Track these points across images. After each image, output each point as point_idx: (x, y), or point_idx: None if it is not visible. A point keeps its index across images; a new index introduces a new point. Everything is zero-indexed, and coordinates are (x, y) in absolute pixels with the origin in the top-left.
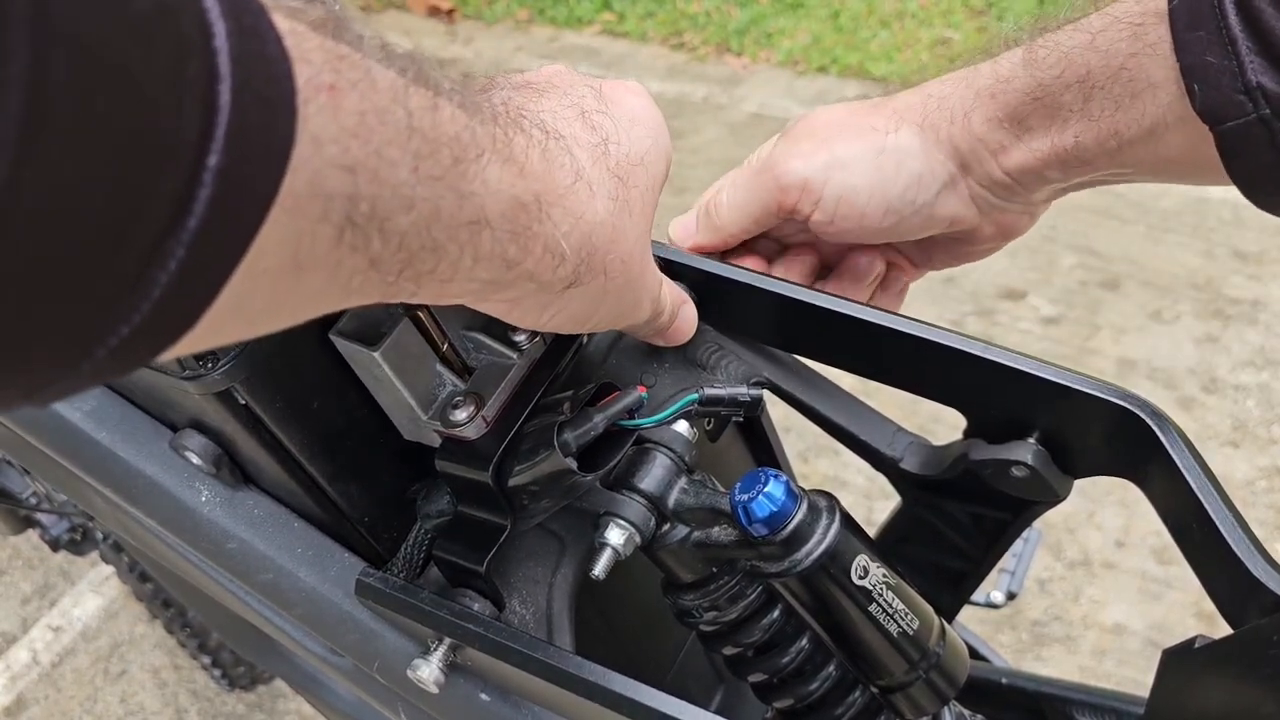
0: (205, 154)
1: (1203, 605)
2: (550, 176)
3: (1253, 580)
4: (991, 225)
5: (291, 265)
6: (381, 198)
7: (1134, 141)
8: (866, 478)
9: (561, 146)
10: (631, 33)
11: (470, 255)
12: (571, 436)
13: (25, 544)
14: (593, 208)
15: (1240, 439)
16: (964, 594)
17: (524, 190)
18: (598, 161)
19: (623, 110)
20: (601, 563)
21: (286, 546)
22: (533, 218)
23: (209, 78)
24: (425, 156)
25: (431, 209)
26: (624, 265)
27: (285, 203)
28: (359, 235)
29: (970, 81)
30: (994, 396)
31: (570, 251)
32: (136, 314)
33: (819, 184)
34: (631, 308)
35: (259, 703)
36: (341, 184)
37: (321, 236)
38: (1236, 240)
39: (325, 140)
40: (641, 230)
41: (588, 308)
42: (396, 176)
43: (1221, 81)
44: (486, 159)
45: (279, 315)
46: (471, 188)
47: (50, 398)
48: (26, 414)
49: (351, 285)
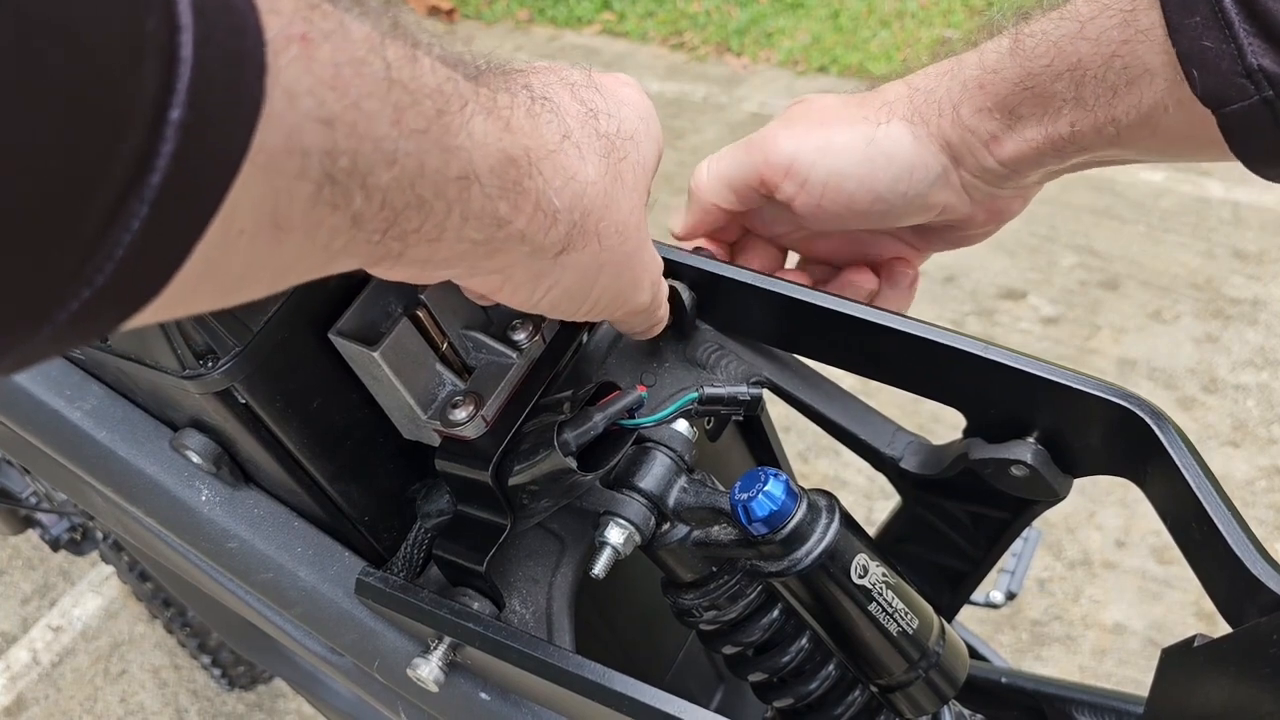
0: (166, 108)
1: (1202, 605)
2: (538, 133)
3: (1252, 579)
4: (984, 211)
5: (269, 225)
6: (362, 152)
7: (1132, 127)
8: (866, 478)
9: (548, 108)
10: (631, 33)
11: (459, 213)
12: (571, 436)
13: (25, 544)
14: (583, 168)
15: (1240, 439)
16: (964, 594)
17: (512, 144)
18: (586, 126)
19: (611, 93)
20: (601, 562)
21: (286, 546)
22: (523, 173)
23: (169, 29)
24: (406, 108)
25: (416, 164)
26: (619, 235)
27: (258, 159)
28: (339, 192)
29: (956, 73)
30: (993, 396)
31: (563, 209)
32: (99, 275)
33: (805, 165)
34: (631, 288)
35: (259, 702)
36: (319, 138)
37: (299, 194)
38: (1236, 240)
39: (299, 93)
40: (635, 204)
41: (583, 282)
42: (377, 130)
43: (1221, 65)
44: (470, 110)
45: (258, 280)
46: (457, 141)
47: (12, 364)
48: (28, 412)
49: (334, 246)
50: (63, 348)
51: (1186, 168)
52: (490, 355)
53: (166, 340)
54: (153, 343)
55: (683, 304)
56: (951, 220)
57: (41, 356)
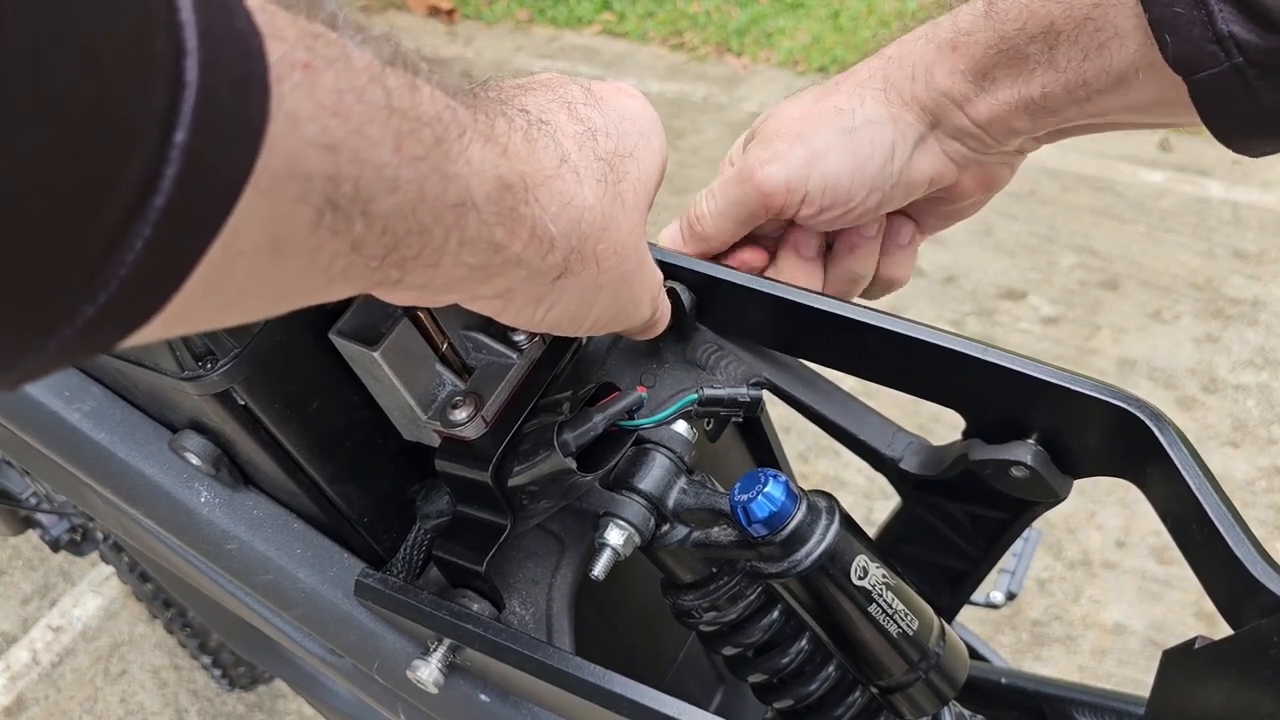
0: (172, 130)
1: (1203, 605)
2: (534, 159)
3: (1253, 581)
4: (971, 179)
5: (269, 248)
6: (364, 179)
7: (1103, 91)
8: (866, 478)
9: (545, 132)
10: (631, 33)
11: (456, 239)
12: (571, 436)
13: (25, 544)
14: (580, 193)
15: (1240, 439)
16: (964, 594)
17: (508, 170)
18: (584, 148)
19: (612, 107)
20: (601, 563)
21: (286, 547)
22: (519, 199)
23: (175, 52)
24: (407, 136)
25: (416, 190)
26: (617, 257)
27: (260, 182)
28: (340, 218)
29: (930, 36)
30: (992, 397)
31: (559, 236)
32: (103, 293)
33: (801, 181)
34: (631, 305)
35: (259, 703)
36: (322, 164)
37: (300, 218)
38: (1236, 240)
39: (302, 118)
40: (635, 223)
41: (583, 303)
42: (379, 157)
43: (1192, 32)
44: (469, 138)
45: (258, 302)
46: (455, 168)
47: (17, 378)
48: (27, 414)
49: (333, 270)
50: (65, 362)
51: (1187, 168)
52: (490, 356)
53: (166, 342)
54: (152, 345)
55: (682, 305)
56: (942, 193)
57: (44, 371)
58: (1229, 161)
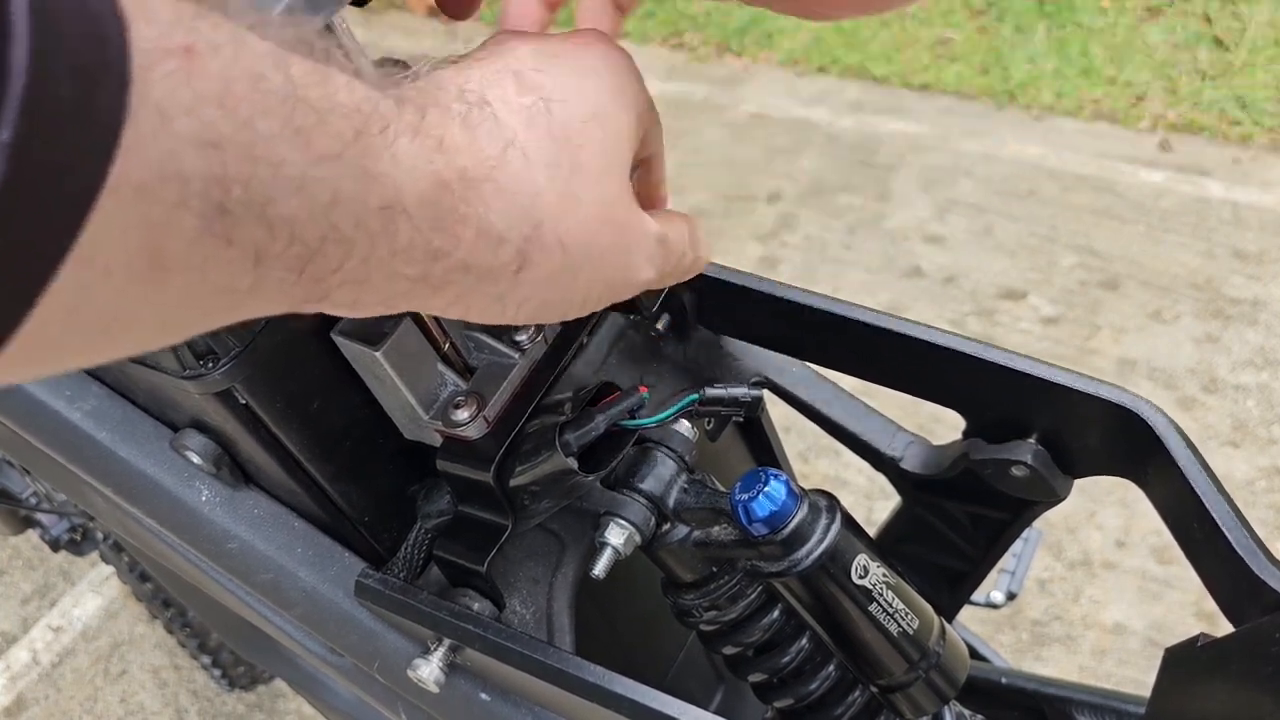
0: None
1: (1203, 605)
2: (475, 148)
3: (1254, 579)
4: None
5: (147, 263)
6: (259, 179)
7: None
8: (866, 478)
9: (486, 114)
10: (631, 33)
11: (386, 248)
12: (573, 437)
13: (25, 544)
14: (530, 177)
15: (1240, 439)
16: (964, 594)
17: (445, 166)
18: (534, 124)
19: (569, 64)
20: (602, 562)
21: (286, 546)
22: (458, 198)
23: None
24: (313, 129)
25: (329, 192)
26: (587, 234)
27: (122, 187)
28: (232, 224)
29: None
30: (993, 397)
31: (508, 230)
32: None
33: None
34: (622, 273)
35: (259, 703)
36: (203, 163)
37: (181, 227)
38: (1236, 240)
39: (176, 112)
40: (606, 192)
41: (560, 289)
42: (276, 153)
43: None
44: (394, 132)
45: (139, 328)
46: (379, 167)
47: None
48: (28, 413)
49: (238, 287)
50: None
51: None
52: (492, 355)
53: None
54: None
55: (683, 306)
56: None
57: None
58: (1229, 161)
